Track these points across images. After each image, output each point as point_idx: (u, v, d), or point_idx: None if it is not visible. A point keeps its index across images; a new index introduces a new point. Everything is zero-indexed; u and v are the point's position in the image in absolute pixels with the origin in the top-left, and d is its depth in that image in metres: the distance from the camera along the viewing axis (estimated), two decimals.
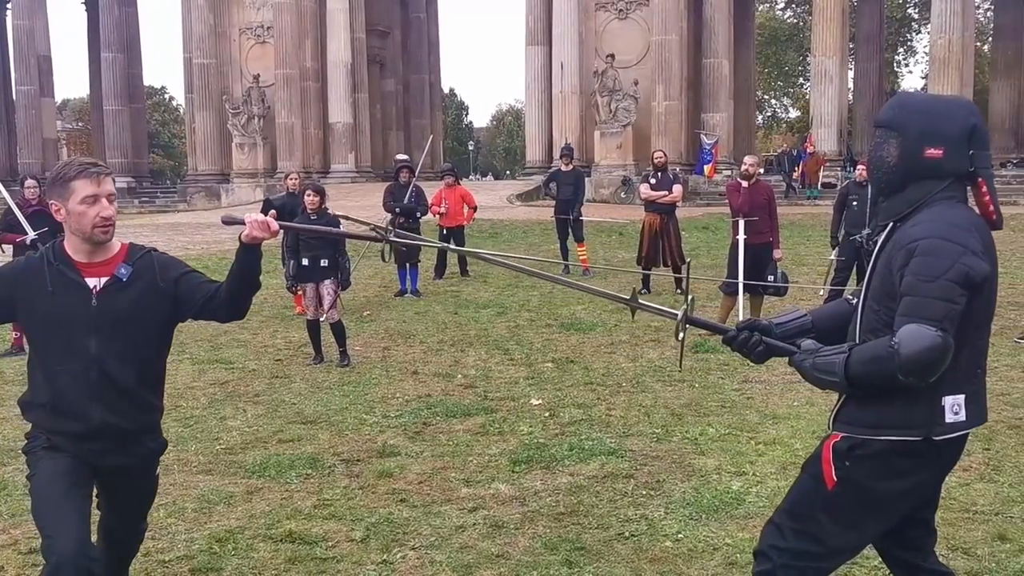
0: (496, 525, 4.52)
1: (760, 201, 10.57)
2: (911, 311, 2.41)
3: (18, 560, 4.22)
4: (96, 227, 2.97)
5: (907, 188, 2.60)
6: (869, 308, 2.64)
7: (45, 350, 3.03)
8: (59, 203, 2.97)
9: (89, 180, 2.95)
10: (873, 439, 2.59)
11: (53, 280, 2.98)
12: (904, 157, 2.59)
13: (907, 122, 2.61)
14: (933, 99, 2.79)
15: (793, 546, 2.70)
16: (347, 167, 37.78)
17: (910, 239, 2.49)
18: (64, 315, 2.97)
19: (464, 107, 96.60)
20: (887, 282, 2.56)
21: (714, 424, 6.26)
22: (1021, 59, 35.92)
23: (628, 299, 3.14)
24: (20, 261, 3.17)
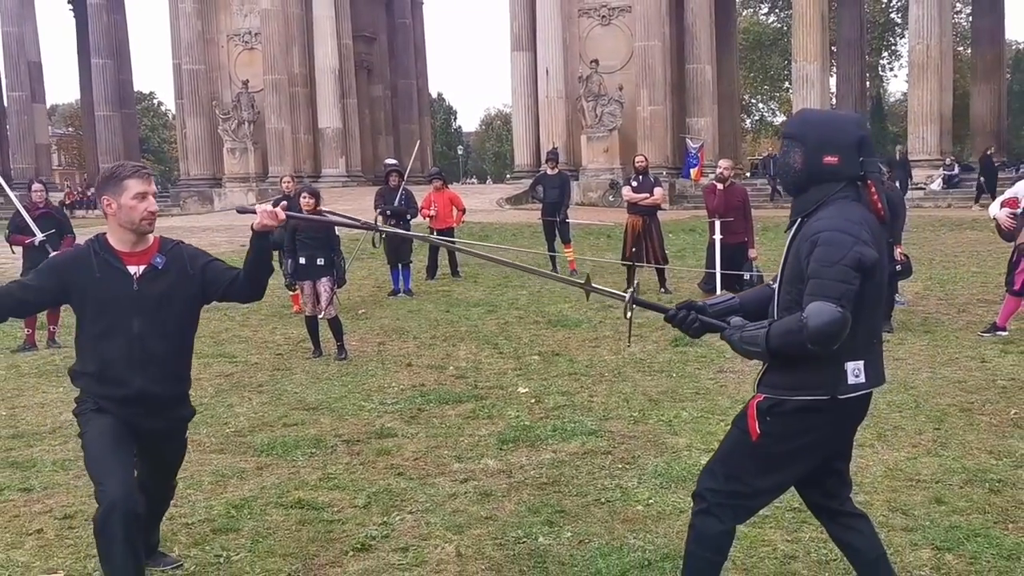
0: (485, 493, 4.99)
1: (735, 203, 11.09)
2: (815, 291, 2.91)
3: (56, 524, 4.67)
4: (144, 219, 3.46)
5: (810, 189, 3.11)
6: (784, 290, 3.14)
7: (94, 327, 3.50)
8: (111, 199, 3.45)
9: (140, 179, 3.44)
10: (789, 399, 3.09)
11: (100, 267, 3.46)
12: (806, 163, 3.09)
13: (808, 134, 3.12)
14: (830, 114, 3.33)
15: (724, 487, 3.20)
16: (338, 171, 38.21)
17: (813, 232, 3.00)
18: (110, 298, 3.45)
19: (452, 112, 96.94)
20: (796, 268, 3.06)
21: (688, 408, 6.75)
22: (1000, 63, 36.64)
23: (583, 283, 3.62)
24: (69, 252, 3.63)
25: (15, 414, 7.05)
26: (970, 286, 13.14)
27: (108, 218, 3.53)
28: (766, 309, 3.27)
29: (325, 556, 4.20)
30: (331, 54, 36.88)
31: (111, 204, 3.48)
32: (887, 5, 59.58)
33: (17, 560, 4.21)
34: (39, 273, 3.57)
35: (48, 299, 3.58)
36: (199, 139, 38.88)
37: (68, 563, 4.18)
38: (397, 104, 44.49)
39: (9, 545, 4.41)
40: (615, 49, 32.45)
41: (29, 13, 42.68)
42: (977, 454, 5.51)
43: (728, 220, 11.11)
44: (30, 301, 3.56)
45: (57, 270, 3.53)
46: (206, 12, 37.84)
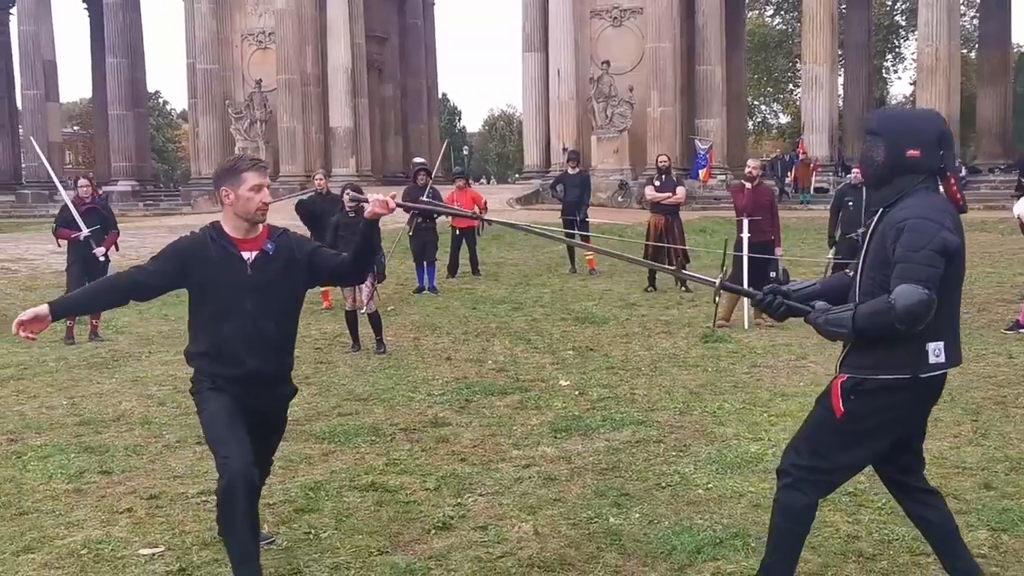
0: (549, 478, 5.21)
1: (763, 202, 11.28)
2: (903, 275, 3.11)
3: (143, 504, 4.88)
4: (259, 210, 3.67)
5: (892, 181, 3.32)
6: (866, 276, 3.34)
7: (210, 310, 3.71)
8: (230, 189, 3.66)
9: (257, 172, 3.66)
10: (872, 378, 3.29)
11: (217, 253, 3.68)
12: (889, 157, 3.30)
13: (890, 130, 3.33)
14: (911, 111, 3.56)
15: (808, 463, 3.41)
16: (348, 171, 38.37)
17: (899, 220, 3.21)
18: (226, 282, 3.67)
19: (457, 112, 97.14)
20: (880, 255, 3.27)
21: (729, 400, 6.96)
22: (1006, 66, 36.85)
23: (674, 270, 3.84)
24: (185, 238, 3.81)
25: (76, 403, 7.26)
26: (986, 286, 13.33)
27: (225, 207, 3.74)
28: (843, 295, 3.47)
29: (408, 534, 4.41)
30: (344, 54, 37.10)
31: (229, 194, 3.68)
32: (892, 8, 59.78)
33: (116, 536, 4.42)
34: (160, 257, 3.76)
35: (167, 282, 3.75)
36: (211, 138, 39.09)
37: (165, 539, 4.38)
38: (407, 104, 44.71)
39: (104, 523, 4.61)
40: (626, 50, 32.67)
41: (45, 12, 42.92)
42: (1018, 444, 5.73)
43: (756, 219, 11.30)
44: (152, 285, 3.74)
45: (178, 254, 3.72)
46: (221, 12, 38.10)
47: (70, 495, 5.06)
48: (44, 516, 4.72)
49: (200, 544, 4.30)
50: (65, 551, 4.24)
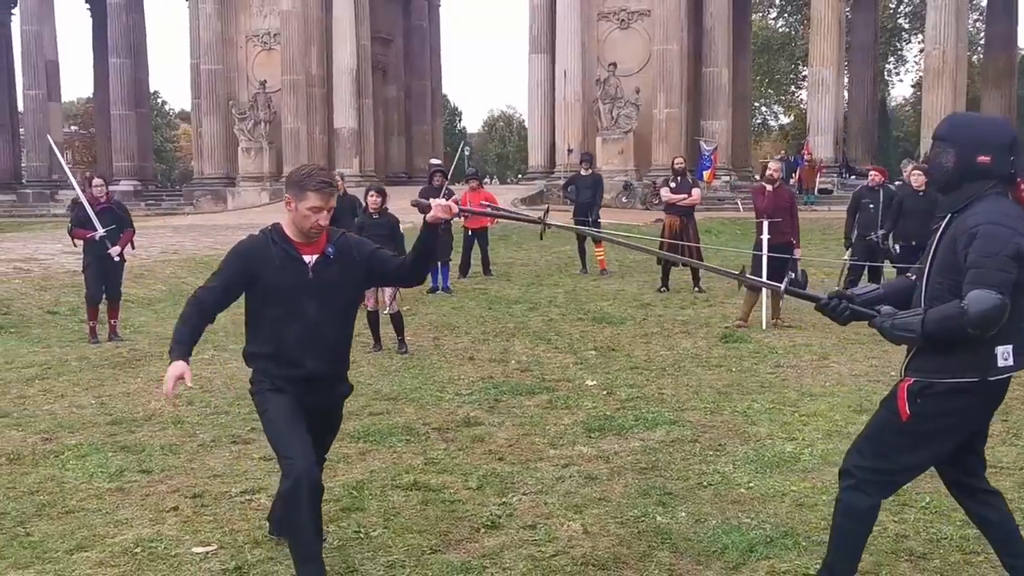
0: (590, 477, 5.22)
1: (783, 204, 11.30)
2: (976, 279, 3.12)
3: (189, 503, 4.89)
4: (312, 228, 3.67)
5: (962, 187, 3.33)
6: (933, 280, 3.35)
7: (272, 312, 3.71)
8: (293, 200, 3.67)
9: (321, 196, 3.64)
10: (940, 381, 3.30)
11: (279, 256, 3.69)
12: (959, 163, 3.31)
13: (961, 136, 3.34)
14: (981, 117, 3.56)
15: (872, 464, 3.43)
16: (351, 171, 38.30)
17: (971, 225, 3.21)
18: (288, 285, 3.68)
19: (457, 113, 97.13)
20: (949, 259, 3.27)
21: (758, 400, 6.98)
22: (1012, 69, 36.90)
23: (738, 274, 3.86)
24: (246, 241, 3.81)
25: (104, 403, 7.27)
26: None
27: (287, 212, 3.75)
28: (905, 299, 3.48)
29: (458, 533, 4.42)
30: (349, 55, 37.12)
31: (291, 203, 3.69)
32: (895, 11, 59.82)
33: (166, 535, 4.43)
34: (223, 267, 3.75)
35: (237, 286, 3.74)
36: (214, 138, 39.10)
37: (215, 537, 4.39)
38: (410, 105, 44.69)
39: (152, 521, 4.62)
40: (633, 52, 32.70)
41: (48, 12, 42.91)
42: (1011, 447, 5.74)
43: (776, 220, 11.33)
44: (222, 298, 3.74)
45: (241, 257, 3.73)
46: (226, 13, 38.11)
47: (113, 494, 5.07)
48: (90, 515, 4.73)
49: (252, 542, 4.32)
50: (118, 549, 4.25)
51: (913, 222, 10.37)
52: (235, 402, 7.20)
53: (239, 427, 6.45)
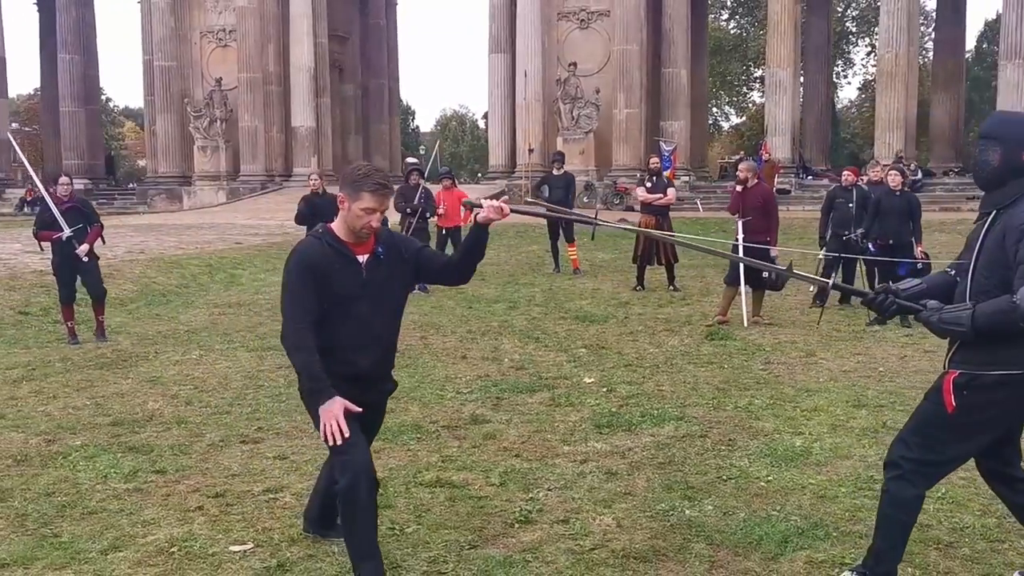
0: (610, 472, 5.28)
1: (755, 203, 11.45)
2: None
3: (213, 502, 4.85)
4: (364, 229, 3.66)
5: (1007, 184, 3.42)
6: (979, 275, 3.44)
7: (329, 312, 3.69)
8: (347, 200, 3.65)
9: (376, 197, 3.62)
10: (986, 374, 3.40)
11: (337, 259, 3.67)
12: (1005, 160, 3.41)
13: (1007, 134, 3.44)
14: None
15: (918, 456, 3.52)
16: (309, 170, 37.92)
17: (1021, 222, 3.30)
18: (342, 285, 3.67)
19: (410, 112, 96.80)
20: (997, 255, 3.36)
21: (758, 396, 7.09)
22: (960, 73, 37.78)
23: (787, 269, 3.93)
24: (303, 249, 3.72)
25: (100, 404, 7.15)
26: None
27: (340, 211, 3.73)
28: (945, 293, 3.58)
29: (492, 528, 4.45)
30: (307, 53, 36.88)
31: (344, 203, 3.68)
32: (843, 15, 60.88)
33: (198, 533, 4.39)
34: (296, 283, 3.65)
35: (315, 293, 3.64)
36: (168, 136, 38.62)
37: (249, 536, 4.36)
38: (368, 104, 44.52)
39: (180, 521, 4.58)
40: (593, 52, 32.92)
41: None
42: None
43: (747, 220, 11.49)
44: (313, 313, 3.65)
45: (310, 268, 3.64)
46: (179, 8, 37.68)
47: (131, 494, 5.01)
48: (114, 515, 4.67)
49: (288, 540, 4.30)
50: (153, 549, 4.20)
51: (889, 221, 10.61)
52: (235, 402, 7.14)
53: (245, 427, 6.40)
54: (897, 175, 10.71)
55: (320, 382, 3.60)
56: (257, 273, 16.20)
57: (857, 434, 6.03)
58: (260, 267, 16.91)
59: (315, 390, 3.60)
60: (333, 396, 3.57)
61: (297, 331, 3.66)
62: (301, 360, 3.64)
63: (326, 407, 3.55)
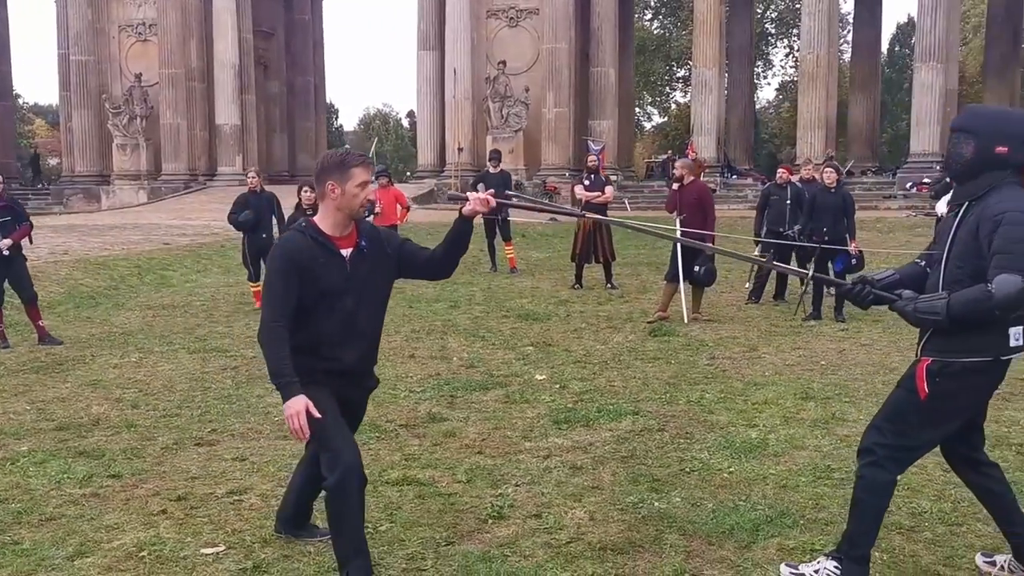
0: (575, 467, 5.32)
1: (689, 200, 11.64)
2: (1003, 264, 3.34)
3: (175, 505, 4.75)
4: (362, 206, 3.65)
5: (980, 176, 3.55)
6: (952, 265, 3.56)
7: (312, 307, 3.64)
8: (337, 184, 3.62)
9: (364, 169, 3.63)
10: (957, 361, 3.52)
11: (321, 253, 3.63)
12: (978, 152, 3.53)
13: (981, 127, 3.56)
14: (1000, 109, 3.78)
15: (891, 442, 3.63)
16: (234, 169, 37.43)
17: (996, 213, 3.41)
18: (328, 280, 3.63)
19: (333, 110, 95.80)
20: (970, 246, 3.48)
21: (708, 391, 7.21)
22: (876, 75, 38.89)
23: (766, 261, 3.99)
24: (288, 244, 3.68)
25: (41, 408, 6.94)
26: None
27: (326, 202, 3.69)
28: (918, 284, 3.70)
29: (465, 524, 4.45)
30: (230, 49, 36.21)
31: (335, 189, 3.64)
32: (762, 16, 62.14)
33: (166, 537, 4.30)
34: (279, 275, 3.61)
35: (295, 288, 3.62)
36: (86, 134, 37.58)
37: (219, 538, 4.29)
38: (293, 101, 43.88)
39: (145, 525, 4.47)
40: (522, 51, 33.02)
41: None
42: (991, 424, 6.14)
43: (683, 217, 11.68)
44: (290, 310, 3.63)
45: (293, 264, 3.60)
46: (97, 1, 36.60)
47: (89, 499, 4.88)
48: (74, 521, 4.55)
49: (260, 541, 4.24)
50: (122, 554, 4.10)
51: (824, 217, 10.87)
52: (183, 405, 7.00)
53: (197, 429, 6.28)
54: (832, 173, 10.98)
55: (285, 378, 3.58)
56: (189, 274, 15.87)
57: (809, 425, 6.18)
58: (191, 268, 16.59)
59: (281, 385, 3.58)
60: (298, 393, 3.55)
61: (270, 328, 3.64)
62: (270, 356, 3.62)
63: (290, 404, 3.54)
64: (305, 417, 3.51)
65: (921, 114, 29.93)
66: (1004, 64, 35.49)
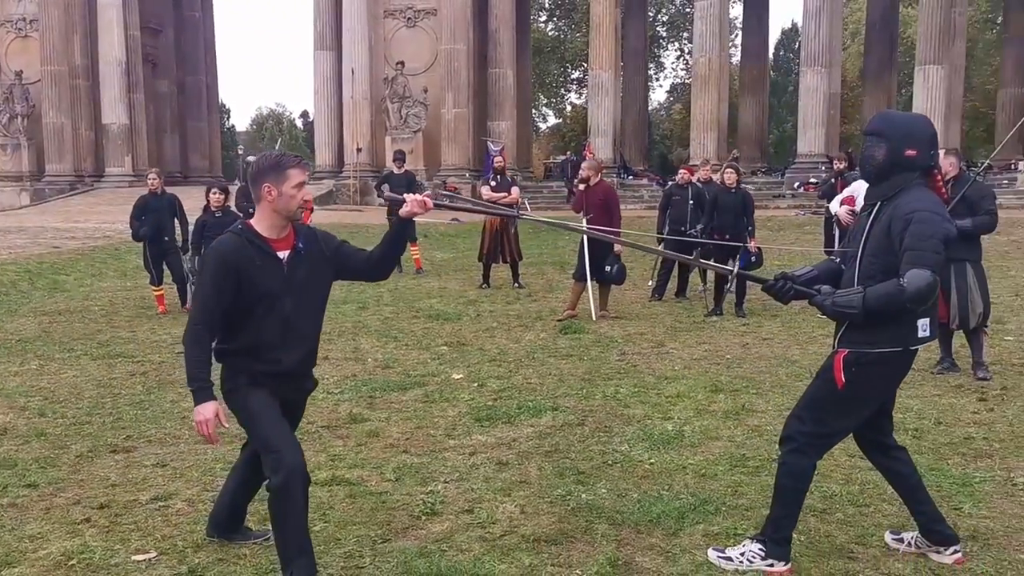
0: (501, 463, 5.41)
1: (595, 201, 11.88)
2: (913, 260, 3.57)
3: (99, 513, 4.64)
4: (299, 207, 3.66)
5: (891, 178, 3.79)
6: (866, 261, 3.78)
7: (251, 310, 3.64)
8: (272, 186, 3.62)
9: (301, 170, 3.64)
10: (872, 351, 3.75)
11: (258, 255, 3.63)
12: (890, 155, 3.76)
13: (892, 132, 3.80)
14: (909, 115, 4.03)
15: (811, 429, 3.84)
16: (123, 170, 36.42)
17: (907, 212, 3.65)
18: (265, 282, 3.63)
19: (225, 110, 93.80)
20: (883, 243, 3.71)
21: (622, 385, 7.40)
22: (764, 78, 40.18)
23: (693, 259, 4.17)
24: (223, 246, 3.66)
25: None
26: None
27: (262, 204, 3.69)
28: (833, 279, 3.92)
29: (399, 522, 4.49)
30: (117, 46, 35.13)
31: (272, 191, 3.64)
32: (654, 19, 63.44)
33: (93, 545, 4.21)
34: (211, 277, 3.61)
35: (228, 292, 3.61)
36: None
37: (150, 544, 4.23)
38: (184, 101, 42.82)
39: (69, 533, 4.37)
40: (420, 51, 32.97)
41: None
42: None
43: (590, 217, 11.91)
44: (219, 314, 3.64)
45: (227, 266, 3.60)
46: None
47: (6, 509, 4.73)
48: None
49: (192, 546, 4.20)
50: (49, 563, 4.01)
51: (725, 217, 11.25)
52: (93, 412, 6.83)
53: (112, 436, 6.14)
54: (732, 173, 11.37)
55: (198, 383, 3.64)
56: (83, 278, 15.37)
57: (721, 417, 6.42)
58: (85, 272, 16.08)
59: (194, 391, 3.64)
60: (208, 399, 3.63)
61: (193, 330, 3.67)
62: (188, 358, 3.67)
63: (199, 410, 3.62)
64: (214, 425, 3.59)
65: (807, 116, 31.08)
66: (881, 69, 37.13)
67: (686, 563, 4.00)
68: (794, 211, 27.61)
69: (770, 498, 4.54)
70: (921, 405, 6.70)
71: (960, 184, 7.27)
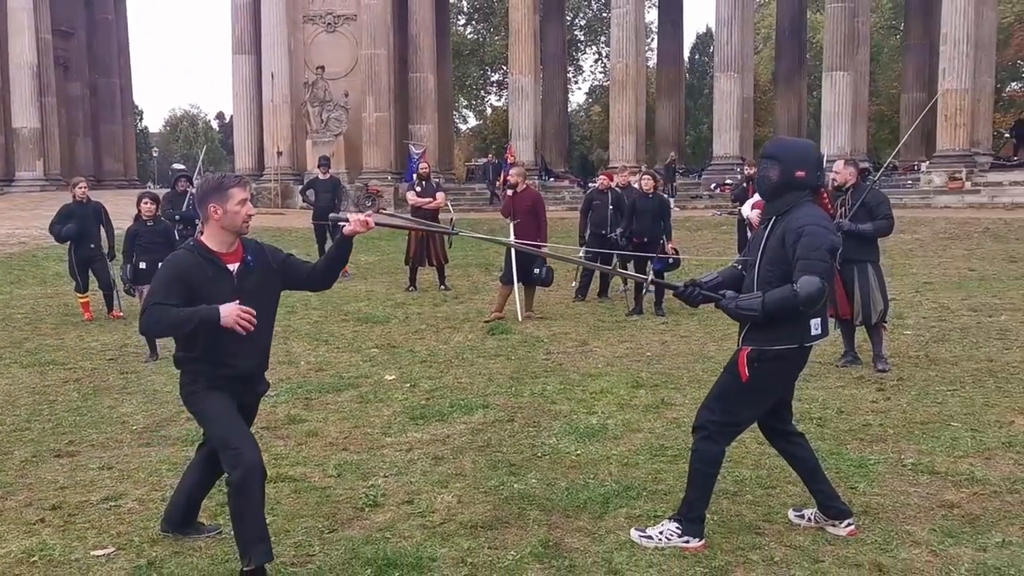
0: (437, 458, 5.74)
1: (523, 206, 12.27)
2: (804, 269, 4.02)
3: (53, 514, 4.82)
4: (244, 222, 3.94)
5: (784, 196, 4.24)
6: (764, 269, 4.22)
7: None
8: (218, 206, 3.89)
9: (242, 188, 3.93)
10: (771, 348, 4.19)
11: (210, 269, 3.90)
12: (782, 176, 4.21)
13: (785, 155, 4.25)
14: (798, 140, 4.50)
15: (720, 419, 4.26)
16: (35, 175, 35.58)
17: (798, 226, 4.10)
18: (218, 294, 3.90)
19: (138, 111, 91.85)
20: (778, 253, 4.15)
21: (548, 383, 7.78)
22: (680, 82, 41.14)
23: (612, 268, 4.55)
24: (177, 261, 3.94)
25: None
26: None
27: (210, 223, 3.95)
28: (735, 285, 4.35)
29: (344, 514, 4.78)
30: (28, 48, 34.35)
31: (217, 210, 3.92)
32: (572, 23, 64.28)
33: (52, 543, 4.40)
34: (166, 287, 3.85)
35: (175, 299, 3.85)
36: None
37: (107, 540, 4.44)
38: (97, 104, 42.00)
39: (26, 533, 4.55)
40: (340, 56, 32.97)
41: None
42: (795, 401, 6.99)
43: (517, 222, 12.29)
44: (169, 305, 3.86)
45: (181, 279, 3.86)
46: None
47: None
48: None
49: (149, 542, 4.42)
50: (11, 560, 4.20)
51: (643, 221, 11.74)
52: (31, 419, 6.94)
53: (53, 442, 6.28)
54: (649, 179, 11.87)
55: (195, 313, 3.81)
56: (2, 286, 15.17)
57: (642, 410, 6.84)
58: (3, 279, 15.86)
59: (198, 315, 3.79)
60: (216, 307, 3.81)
61: (151, 307, 3.85)
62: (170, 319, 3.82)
63: (224, 314, 3.79)
64: (239, 310, 3.79)
65: (722, 120, 32.00)
66: (792, 73, 38.36)
67: (611, 542, 4.38)
68: (711, 211, 28.45)
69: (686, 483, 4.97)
70: (825, 395, 7.22)
71: (859, 192, 7.82)
